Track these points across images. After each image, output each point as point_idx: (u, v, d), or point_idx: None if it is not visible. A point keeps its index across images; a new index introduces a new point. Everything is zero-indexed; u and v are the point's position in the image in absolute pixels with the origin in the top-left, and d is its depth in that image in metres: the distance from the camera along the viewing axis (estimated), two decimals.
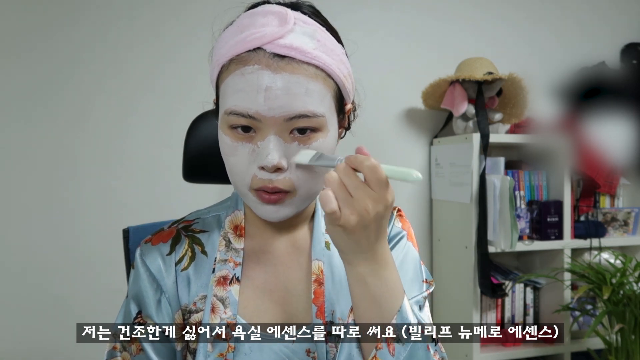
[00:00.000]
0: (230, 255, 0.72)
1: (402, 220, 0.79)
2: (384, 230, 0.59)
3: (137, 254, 0.73)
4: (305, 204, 0.69)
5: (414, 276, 0.73)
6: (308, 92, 0.62)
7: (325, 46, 0.64)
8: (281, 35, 0.61)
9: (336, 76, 0.65)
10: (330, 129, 0.66)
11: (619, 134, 1.52)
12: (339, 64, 0.66)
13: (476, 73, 1.78)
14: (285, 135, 0.63)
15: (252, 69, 0.61)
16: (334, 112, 0.67)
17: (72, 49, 1.72)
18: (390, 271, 0.61)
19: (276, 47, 0.61)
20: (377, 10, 2.02)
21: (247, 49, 0.62)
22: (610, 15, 2.28)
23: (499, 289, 1.81)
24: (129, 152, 1.77)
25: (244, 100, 0.61)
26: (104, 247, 1.65)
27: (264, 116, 0.61)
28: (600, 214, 1.95)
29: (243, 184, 0.65)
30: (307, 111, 0.62)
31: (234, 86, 0.62)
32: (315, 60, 0.62)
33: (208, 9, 1.64)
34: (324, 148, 0.64)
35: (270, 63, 0.61)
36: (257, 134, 0.63)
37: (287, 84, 0.60)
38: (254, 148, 0.63)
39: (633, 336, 1.59)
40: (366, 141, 2.32)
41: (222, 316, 0.68)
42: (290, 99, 0.61)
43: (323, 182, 0.62)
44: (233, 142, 0.64)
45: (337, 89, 0.67)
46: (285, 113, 0.61)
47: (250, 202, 0.67)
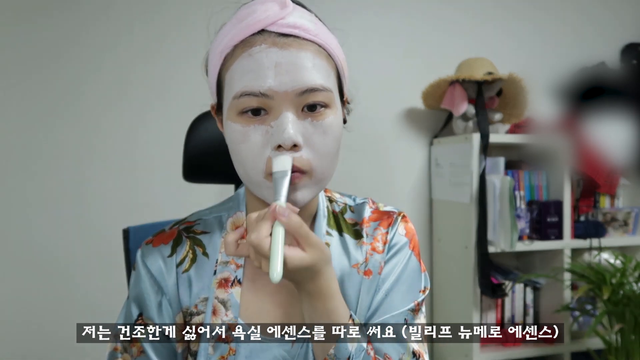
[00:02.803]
0: (231, 257, 0.71)
1: (406, 227, 0.77)
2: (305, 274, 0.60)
3: (138, 256, 0.72)
4: (319, 188, 0.67)
5: (409, 288, 0.73)
6: (316, 67, 0.63)
7: (323, 29, 0.67)
8: (283, 16, 0.63)
9: (336, 57, 0.67)
10: (338, 107, 0.67)
11: (619, 134, 1.52)
12: (336, 47, 0.68)
13: (476, 73, 1.78)
14: (298, 112, 0.62)
15: (259, 49, 0.62)
16: (337, 92, 0.68)
17: (69, 46, 1.72)
18: (324, 302, 0.62)
19: (280, 27, 0.62)
20: (377, 11, 2.01)
21: (251, 33, 0.63)
22: (610, 15, 2.27)
23: (499, 289, 1.81)
24: (129, 152, 1.77)
25: (254, 79, 0.61)
26: (104, 247, 1.65)
27: (276, 92, 0.61)
28: (600, 214, 1.95)
29: (257, 172, 0.63)
30: (316, 84, 0.62)
31: (242, 68, 0.62)
32: (318, 38, 0.64)
33: (208, 10, 1.64)
34: (335, 125, 0.65)
35: (276, 41, 0.62)
36: (270, 114, 0.62)
37: (296, 59, 0.61)
38: (267, 129, 0.62)
39: (633, 336, 1.59)
40: (366, 141, 2.34)
41: (223, 318, 0.68)
42: (300, 73, 0.61)
43: (335, 164, 0.67)
44: (244, 127, 0.63)
45: (337, 70, 0.68)
46: (297, 86, 0.61)
47: (264, 190, 0.64)
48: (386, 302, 0.70)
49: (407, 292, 0.72)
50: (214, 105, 0.71)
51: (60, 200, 1.71)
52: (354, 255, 0.73)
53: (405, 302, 0.71)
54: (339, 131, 0.66)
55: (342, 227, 0.76)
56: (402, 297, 0.71)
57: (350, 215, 0.78)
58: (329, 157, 0.65)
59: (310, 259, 0.58)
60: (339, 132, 0.66)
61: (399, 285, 0.72)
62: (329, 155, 0.65)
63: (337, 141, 0.66)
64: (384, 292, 0.71)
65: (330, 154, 0.65)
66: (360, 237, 0.75)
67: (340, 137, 0.67)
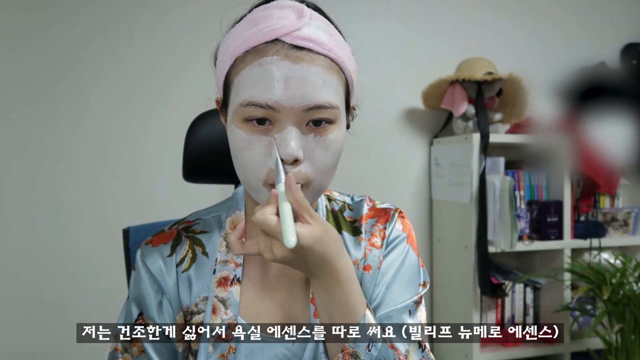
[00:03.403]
0: (231, 256, 0.71)
1: (403, 222, 0.78)
2: (318, 258, 0.60)
3: (138, 256, 0.72)
4: (315, 199, 0.68)
5: (409, 281, 0.73)
6: (325, 84, 0.62)
7: (337, 41, 0.65)
8: (299, 27, 0.62)
9: (347, 71, 0.66)
10: (343, 122, 0.67)
11: (619, 134, 1.52)
12: (349, 59, 0.67)
13: (476, 73, 1.78)
14: (302, 126, 0.62)
15: (271, 60, 0.61)
16: (344, 107, 0.68)
17: (70, 46, 1.72)
18: (343, 287, 0.63)
19: (294, 39, 0.61)
20: (377, 11, 2.01)
21: (265, 40, 0.62)
22: (610, 15, 2.28)
23: (499, 289, 1.81)
24: (129, 152, 1.77)
25: (262, 90, 0.61)
26: (104, 247, 1.65)
27: (283, 106, 0.60)
28: (600, 214, 1.95)
29: (257, 179, 0.64)
30: (325, 102, 0.62)
31: (251, 77, 0.62)
32: (331, 52, 0.63)
33: (210, 7, 1.64)
34: (337, 141, 0.65)
35: (289, 54, 0.61)
36: (274, 126, 0.62)
37: (307, 75, 0.61)
38: (271, 140, 0.62)
39: (633, 336, 1.59)
40: (366, 141, 2.33)
41: (223, 317, 0.68)
42: (309, 89, 0.61)
43: (333, 174, 0.67)
44: (248, 135, 0.63)
45: (346, 84, 0.67)
46: (304, 103, 0.61)
47: (262, 196, 0.65)
48: (388, 296, 0.71)
49: (408, 285, 0.73)
50: (220, 100, 0.71)
51: (60, 200, 1.71)
52: (352, 252, 0.74)
53: (407, 294, 0.72)
54: (341, 145, 0.66)
55: (342, 225, 0.76)
56: (403, 289, 0.72)
57: (348, 213, 0.78)
58: (327, 170, 0.65)
59: (319, 229, 0.59)
60: (340, 146, 0.66)
61: (399, 277, 0.72)
62: (328, 169, 0.65)
63: (338, 155, 0.66)
64: (384, 286, 0.71)
65: (329, 168, 0.65)
66: (358, 234, 0.75)
67: (341, 150, 0.67)
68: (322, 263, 0.61)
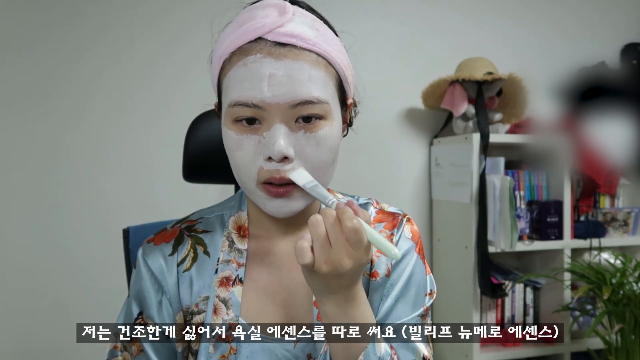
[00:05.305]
0: (233, 256, 0.71)
1: (412, 230, 0.76)
2: (357, 277, 0.59)
3: (139, 254, 0.72)
4: (313, 197, 0.67)
5: (416, 295, 0.72)
6: (311, 79, 0.62)
7: (325, 36, 0.65)
8: (281, 24, 0.61)
9: (337, 65, 0.66)
10: (335, 118, 0.66)
11: (619, 134, 1.52)
12: (339, 53, 0.66)
13: (476, 73, 1.78)
14: (291, 124, 0.62)
15: (254, 58, 0.61)
16: (337, 102, 0.67)
17: (71, 48, 1.72)
18: (359, 309, 0.61)
19: (277, 36, 0.61)
20: (377, 11, 2.01)
21: (248, 40, 0.62)
22: (611, 15, 2.28)
23: (499, 289, 1.81)
24: (129, 152, 1.77)
25: (248, 89, 0.61)
26: (104, 247, 1.65)
27: (268, 104, 0.60)
28: (600, 214, 1.95)
29: (250, 179, 0.64)
30: (311, 97, 0.61)
31: (237, 77, 0.62)
32: (316, 47, 0.63)
33: (208, 8, 1.64)
34: (330, 137, 0.64)
35: (272, 51, 0.61)
36: (263, 125, 0.62)
37: (290, 71, 0.60)
38: (260, 139, 0.62)
39: (633, 336, 1.58)
40: (366, 141, 2.33)
41: (224, 317, 0.68)
42: (293, 86, 0.60)
43: (331, 172, 0.66)
44: (238, 135, 0.63)
45: (338, 78, 0.67)
46: (289, 99, 0.60)
47: (257, 198, 0.65)
48: (396, 310, 0.70)
49: (416, 298, 0.72)
50: (216, 104, 0.71)
51: (60, 200, 1.71)
52: None
53: (415, 308, 0.71)
54: (335, 141, 0.66)
55: None
56: (411, 304, 0.71)
57: None
58: (322, 168, 0.65)
59: (366, 259, 0.57)
60: (335, 143, 0.65)
61: (407, 291, 0.71)
62: (323, 166, 0.65)
63: (333, 152, 0.65)
64: (393, 299, 0.71)
65: (324, 165, 0.65)
66: None
67: (337, 147, 0.66)
68: (346, 285, 0.59)
